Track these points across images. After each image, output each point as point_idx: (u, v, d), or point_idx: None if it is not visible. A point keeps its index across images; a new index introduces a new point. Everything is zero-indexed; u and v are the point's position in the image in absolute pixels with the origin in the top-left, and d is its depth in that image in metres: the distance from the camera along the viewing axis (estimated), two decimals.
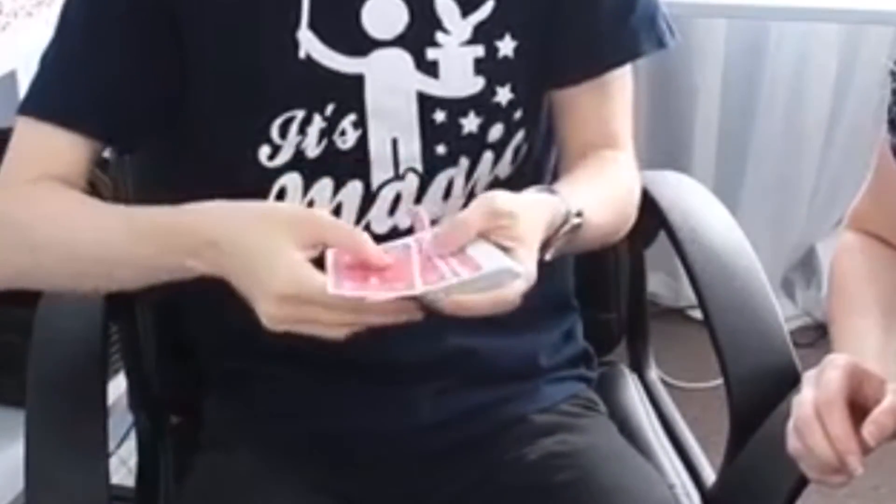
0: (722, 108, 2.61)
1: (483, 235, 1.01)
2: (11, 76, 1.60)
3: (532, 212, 1.05)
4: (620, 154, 1.25)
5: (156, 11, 1.13)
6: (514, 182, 1.21)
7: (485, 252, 1.00)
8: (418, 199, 1.18)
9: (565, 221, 1.08)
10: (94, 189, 1.71)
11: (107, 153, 1.38)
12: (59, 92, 1.16)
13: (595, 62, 1.23)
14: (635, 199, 1.26)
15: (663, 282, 2.65)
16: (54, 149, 1.15)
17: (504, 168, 1.21)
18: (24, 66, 1.16)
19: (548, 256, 1.08)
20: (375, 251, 0.99)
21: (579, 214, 1.10)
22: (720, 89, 2.59)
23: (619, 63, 1.24)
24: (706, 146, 2.65)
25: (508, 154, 1.20)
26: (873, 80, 2.47)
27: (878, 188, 1.21)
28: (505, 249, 1.00)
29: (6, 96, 1.53)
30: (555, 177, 1.26)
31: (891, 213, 1.19)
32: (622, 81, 1.26)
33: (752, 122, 2.64)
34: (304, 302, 0.96)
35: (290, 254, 0.98)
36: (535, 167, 1.25)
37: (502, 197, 1.04)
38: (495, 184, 1.20)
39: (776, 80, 2.58)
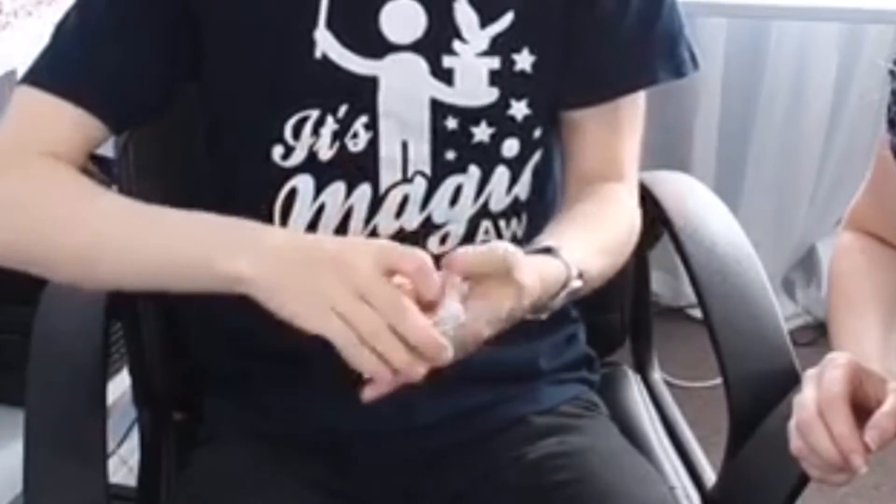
0: (722, 108, 2.61)
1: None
2: (11, 75, 1.60)
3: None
4: (621, 187, 1.22)
5: (174, 5, 1.12)
6: (535, 205, 1.21)
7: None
8: (425, 203, 1.17)
9: (565, 285, 1.07)
10: None
11: (110, 153, 1.38)
12: (73, 67, 1.13)
13: (606, 87, 1.22)
14: (633, 238, 1.24)
15: (663, 281, 2.65)
16: (58, 123, 1.11)
17: (523, 189, 1.20)
18: (24, 66, 1.16)
19: (543, 316, 1.08)
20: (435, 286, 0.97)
21: (580, 276, 1.08)
22: (720, 89, 2.58)
23: (630, 90, 1.23)
24: (706, 146, 2.65)
25: (527, 174, 1.20)
26: (873, 80, 2.47)
27: (878, 188, 1.21)
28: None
29: (6, 96, 1.53)
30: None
31: (890, 213, 1.19)
32: (633, 107, 1.24)
33: (752, 122, 2.64)
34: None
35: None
36: (554, 189, 1.25)
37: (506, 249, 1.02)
38: (515, 204, 1.20)
39: (776, 80, 2.58)
